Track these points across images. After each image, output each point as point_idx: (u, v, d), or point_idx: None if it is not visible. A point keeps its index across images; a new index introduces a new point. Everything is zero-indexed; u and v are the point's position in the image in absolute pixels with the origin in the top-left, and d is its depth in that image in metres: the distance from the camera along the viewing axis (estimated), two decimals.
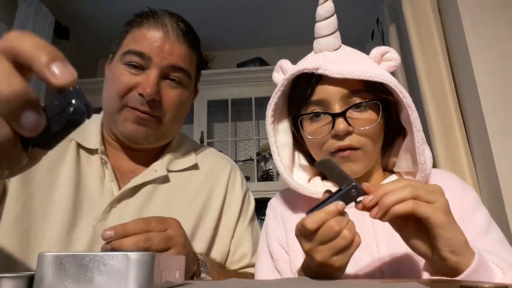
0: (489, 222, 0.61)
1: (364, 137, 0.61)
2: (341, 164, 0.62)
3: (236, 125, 2.71)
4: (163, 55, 0.69)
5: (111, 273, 0.27)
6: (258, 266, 0.71)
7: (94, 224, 0.66)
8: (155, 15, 0.73)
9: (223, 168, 0.86)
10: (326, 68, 0.61)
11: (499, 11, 1.34)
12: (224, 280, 0.49)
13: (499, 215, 1.18)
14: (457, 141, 1.37)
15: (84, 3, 2.26)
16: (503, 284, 0.34)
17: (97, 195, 0.69)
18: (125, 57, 0.70)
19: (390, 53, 0.65)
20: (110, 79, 0.73)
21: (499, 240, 0.60)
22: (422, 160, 0.62)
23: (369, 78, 0.59)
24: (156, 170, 0.75)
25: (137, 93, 0.68)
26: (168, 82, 0.72)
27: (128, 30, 0.75)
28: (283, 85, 0.67)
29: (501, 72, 1.29)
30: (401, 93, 0.60)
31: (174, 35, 0.71)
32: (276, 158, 0.69)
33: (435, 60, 1.47)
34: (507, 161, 1.21)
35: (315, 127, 0.64)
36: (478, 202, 0.64)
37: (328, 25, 0.65)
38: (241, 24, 2.50)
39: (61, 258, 0.27)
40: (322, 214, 0.46)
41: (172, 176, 0.77)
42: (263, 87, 2.42)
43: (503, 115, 1.25)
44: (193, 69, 0.77)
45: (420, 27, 1.52)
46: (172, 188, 0.76)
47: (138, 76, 0.69)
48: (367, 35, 2.39)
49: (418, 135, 0.61)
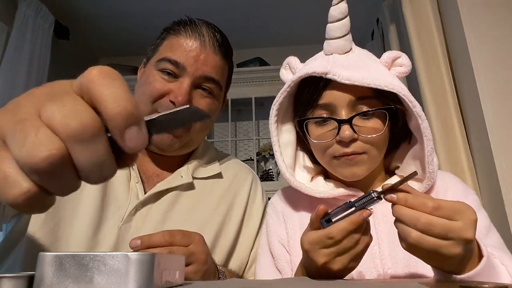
0: (488, 226, 0.61)
1: (369, 144, 0.61)
2: (343, 167, 0.62)
3: (236, 125, 2.71)
4: (197, 65, 0.71)
5: (111, 273, 0.27)
6: (259, 264, 0.71)
7: (120, 226, 0.67)
8: (192, 24, 0.74)
9: (245, 178, 0.86)
10: (335, 74, 0.60)
11: (499, 11, 1.34)
12: (224, 280, 0.49)
13: (499, 215, 1.17)
14: (457, 141, 1.37)
15: (84, 3, 2.26)
16: (503, 284, 0.34)
17: (123, 196, 0.70)
18: (160, 64, 0.71)
19: (401, 58, 0.64)
20: (143, 83, 0.73)
21: (497, 244, 0.60)
22: (431, 169, 0.61)
23: (378, 87, 0.58)
24: (182, 176, 0.76)
25: (168, 100, 0.69)
26: (199, 91, 0.73)
27: (165, 37, 0.76)
28: (290, 86, 0.66)
29: (501, 72, 1.29)
30: (410, 102, 0.59)
31: (210, 45, 0.72)
32: (278, 158, 0.69)
33: (435, 60, 1.47)
34: (507, 161, 1.20)
35: (320, 132, 0.64)
36: (479, 206, 0.64)
37: (341, 27, 0.63)
38: (241, 24, 2.49)
39: (61, 258, 0.27)
40: (347, 224, 0.44)
41: (197, 183, 0.78)
42: (263, 87, 2.42)
43: (503, 115, 1.25)
44: (224, 80, 0.80)
45: (420, 27, 1.52)
46: (196, 195, 0.77)
47: (171, 84, 0.70)
48: (367, 35, 2.38)
49: (428, 144, 0.60)
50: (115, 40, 2.57)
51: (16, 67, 1.94)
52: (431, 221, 0.40)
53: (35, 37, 2.05)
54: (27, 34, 2.00)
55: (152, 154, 0.77)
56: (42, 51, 2.11)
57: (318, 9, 1.99)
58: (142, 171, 0.75)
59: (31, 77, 2.02)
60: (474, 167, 1.34)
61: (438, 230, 0.40)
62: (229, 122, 2.48)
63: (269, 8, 2.34)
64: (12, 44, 1.94)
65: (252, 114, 2.43)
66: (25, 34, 1.99)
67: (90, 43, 2.70)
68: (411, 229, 0.41)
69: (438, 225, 0.40)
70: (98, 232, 0.66)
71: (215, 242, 0.73)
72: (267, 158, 2.51)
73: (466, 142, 1.37)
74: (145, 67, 0.78)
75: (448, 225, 0.40)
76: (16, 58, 1.94)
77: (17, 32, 1.96)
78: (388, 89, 0.58)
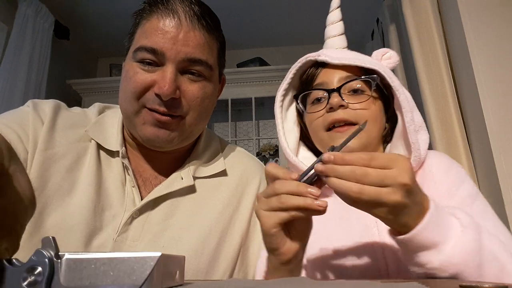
0: (474, 195, 0.61)
1: (359, 111, 0.64)
2: (336, 140, 0.63)
3: (236, 125, 2.71)
4: (177, 47, 0.61)
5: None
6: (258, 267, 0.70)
7: (115, 238, 0.61)
8: (164, 1, 0.64)
9: (254, 176, 0.76)
10: (327, 55, 0.68)
11: (499, 11, 1.35)
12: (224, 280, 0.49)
13: (499, 215, 1.17)
14: (457, 141, 1.37)
15: (84, 3, 2.26)
16: (503, 284, 0.35)
17: (118, 203, 0.64)
18: (137, 54, 0.63)
19: (389, 53, 0.71)
20: (124, 79, 0.65)
21: (482, 210, 0.59)
22: (413, 140, 0.62)
23: (363, 65, 0.66)
24: (182, 178, 0.69)
25: (153, 94, 0.61)
26: (187, 76, 0.64)
27: (138, 23, 0.67)
28: (292, 72, 0.73)
29: (501, 72, 1.29)
30: (389, 78, 0.65)
31: (188, 21, 0.62)
32: (281, 137, 0.72)
33: (435, 60, 1.47)
34: (507, 161, 1.21)
35: (315, 110, 0.68)
36: (464, 177, 0.64)
37: (336, 27, 0.74)
38: (241, 24, 2.49)
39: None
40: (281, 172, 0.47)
41: (199, 183, 0.70)
42: (263, 87, 2.42)
43: (503, 115, 1.25)
44: (214, 57, 0.68)
45: (420, 27, 1.53)
46: (198, 198, 0.70)
47: (154, 74, 0.62)
48: (367, 35, 2.39)
49: (407, 116, 0.62)
50: (115, 40, 2.57)
51: (16, 67, 1.94)
52: (366, 171, 0.42)
53: (35, 37, 2.06)
54: (27, 34, 2.00)
55: (148, 152, 0.69)
56: (42, 51, 2.11)
57: (318, 9, 1.99)
58: (138, 173, 0.69)
59: (31, 77, 2.02)
60: (474, 167, 1.35)
61: (373, 178, 0.42)
62: (229, 122, 2.48)
63: (269, 8, 2.35)
64: (12, 44, 1.94)
65: (252, 114, 2.44)
66: (25, 34, 1.99)
67: (90, 43, 2.70)
68: (351, 182, 0.42)
69: (373, 174, 0.42)
70: (90, 244, 0.59)
71: (219, 249, 0.67)
72: (267, 158, 2.52)
73: (466, 142, 1.38)
74: (125, 60, 0.68)
75: (383, 172, 0.42)
76: (16, 58, 1.94)
77: (17, 32, 1.96)
78: (372, 67, 0.66)
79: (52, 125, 0.65)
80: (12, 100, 1.88)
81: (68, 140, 0.65)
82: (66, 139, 0.65)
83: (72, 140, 0.66)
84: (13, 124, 0.61)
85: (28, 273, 0.27)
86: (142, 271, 0.27)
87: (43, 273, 0.27)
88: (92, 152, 0.66)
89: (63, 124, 0.67)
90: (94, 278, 0.27)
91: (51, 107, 0.67)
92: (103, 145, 0.67)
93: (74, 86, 2.52)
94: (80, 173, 0.64)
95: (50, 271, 0.27)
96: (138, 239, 0.63)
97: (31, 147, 0.61)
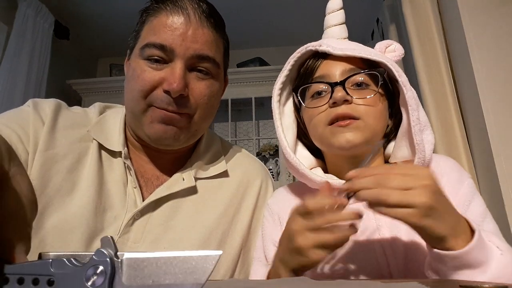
0: (484, 212, 0.60)
1: (363, 107, 0.60)
2: (337, 135, 0.61)
3: (236, 125, 2.71)
4: (186, 44, 0.61)
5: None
6: (252, 270, 0.68)
7: (116, 239, 0.61)
8: None
9: (255, 177, 0.76)
10: (329, 45, 0.63)
11: (499, 11, 1.34)
12: (225, 280, 0.49)
13: (499, 215, 1.18)
14: (457, 141, 1.37)
15: (84, 3, 2.26)
16: (503, 284, 0.35)
17: (119, 204, 0.63)
18: (144, 51, 0.62)
19: (393, 45, 0.67)
20: (131, 77, 0.64)
21: (493, 230, 0.59)
22: (418, 140, 0.59)
23: (368, 57, 0.61)
24: (183, 179, 0.68)
25: (162, 91, 0.61)
26: (195, 74, 0.64)
27: (144, 20, 0.66)
28: (290, 63, 0.68)
29: (501, 72, 1.29)
30: (397, 72, 0.61)
31: (197, 18, 0.63)
32: (280, 133, 0.68)
33: (435, 60, 1.47)
34: (507, 161, 1.20)
35: (316, 104, 0.63)
36: (474, 191, 0.62)
37: (336, 16, 0.68)
38: (241, 24, 2.49)
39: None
40: (322, 197, 0.47)
41: (200, 184, 0.70)
42: (263, 87, 2.42)
43: (503, 115, 1.25)
44: (221, 55, 0.69)
45: (420, 27, 1.53)
46: (199, 199, 0.69)
47: (162, 71, 0.61)
48: (367, 35, 2.39)
49: (413, 115, 0.59)
50: (115, 40, 2.57)
51: (16, 67, 1.94)
52: (389, 177, 0.44)
53: (35, 37, 2.06)
54: (27, 34, 2.00)
55: (151, 152, 0.69)
56: (42, 51, 2.11)
57: (318, 9, 1.99)
58: (140, 173, 0.68)
59: (31, 77, 2.02)
60: (474, 167, 1.34)
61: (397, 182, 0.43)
62: (229, 122, 2.48)
63: (269, 8, 2.34)
64: (12, 44, 1.94)
65: (252, 114, 2.44)
66: (25, 34, 1.99)
67: (90, 43, 2.70)
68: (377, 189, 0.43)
69: (396, 178, 0.43)
70: (91, 245, 0.59)
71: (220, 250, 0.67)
72: (267, 158, 2.51)
73: (466, 142, 1.38)
74: (130, 58, 0.68)
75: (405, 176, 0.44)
76: (16, 58, 1.94)
77: (17, 32, 1.96)
78: (378, 59, 0.61)
79: (53, 125, 0.65)
80: (12, 100, 1.88)
81: (69, 140, 0.65)
82: (67, 139, 0.65)
83: (73, 140, 0.66)
84: (13, 124, 0.61)
85: (91, 272, 0.27)
86: (204, 270, 0.27)
87: (105, 272, 0.27)
88: (94, 153, 0.65)
89: (64, 124, 0.67)
90: (156, 277, 0.27)
91: (51, 107, 0.67)
92: (105, 146, 0.67)
93: (74, 86, 2.51)
94: (81, 173, 0.64)
95: (112, 271, 0.27)
96: (140, 240, 0.62)
97: (31, 147, 0.61)
